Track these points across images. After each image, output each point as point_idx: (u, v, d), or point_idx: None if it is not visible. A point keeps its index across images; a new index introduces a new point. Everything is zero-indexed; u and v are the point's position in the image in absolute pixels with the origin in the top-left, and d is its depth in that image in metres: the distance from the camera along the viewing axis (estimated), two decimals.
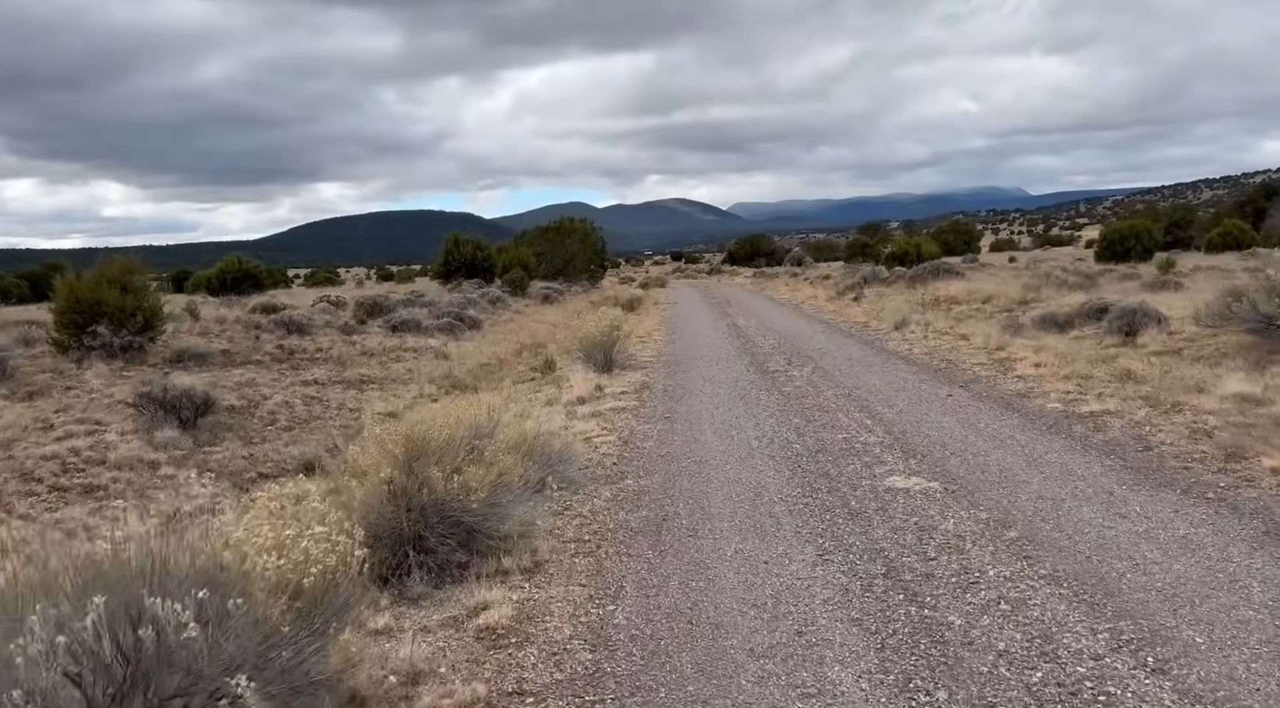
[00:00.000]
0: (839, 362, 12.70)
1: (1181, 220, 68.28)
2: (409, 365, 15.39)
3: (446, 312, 21.55)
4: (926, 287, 27.23)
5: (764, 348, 15.03)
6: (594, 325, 12.95)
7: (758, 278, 52.30)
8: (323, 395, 12.04)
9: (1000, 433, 7.49)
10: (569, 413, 9.49)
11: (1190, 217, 72.84)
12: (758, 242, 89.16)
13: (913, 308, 16.58)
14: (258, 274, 39.94)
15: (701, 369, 12.73)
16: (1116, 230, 50.24)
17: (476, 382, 14.23)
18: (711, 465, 6.88)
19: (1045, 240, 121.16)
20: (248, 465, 8.43)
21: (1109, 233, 50.96)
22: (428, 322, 20.86)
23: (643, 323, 21.93)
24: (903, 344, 14.41)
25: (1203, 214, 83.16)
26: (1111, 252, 47.07)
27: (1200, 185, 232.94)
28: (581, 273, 55.78)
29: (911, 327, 16.05)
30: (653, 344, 16.67)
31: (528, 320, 26.46)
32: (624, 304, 28.40)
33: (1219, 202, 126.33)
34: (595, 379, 11.91)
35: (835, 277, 39.54)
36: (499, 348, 18.89)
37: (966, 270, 31.45)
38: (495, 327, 23.78)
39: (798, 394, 10.03)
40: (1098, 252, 49.16)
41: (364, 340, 17.99)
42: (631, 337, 18.37)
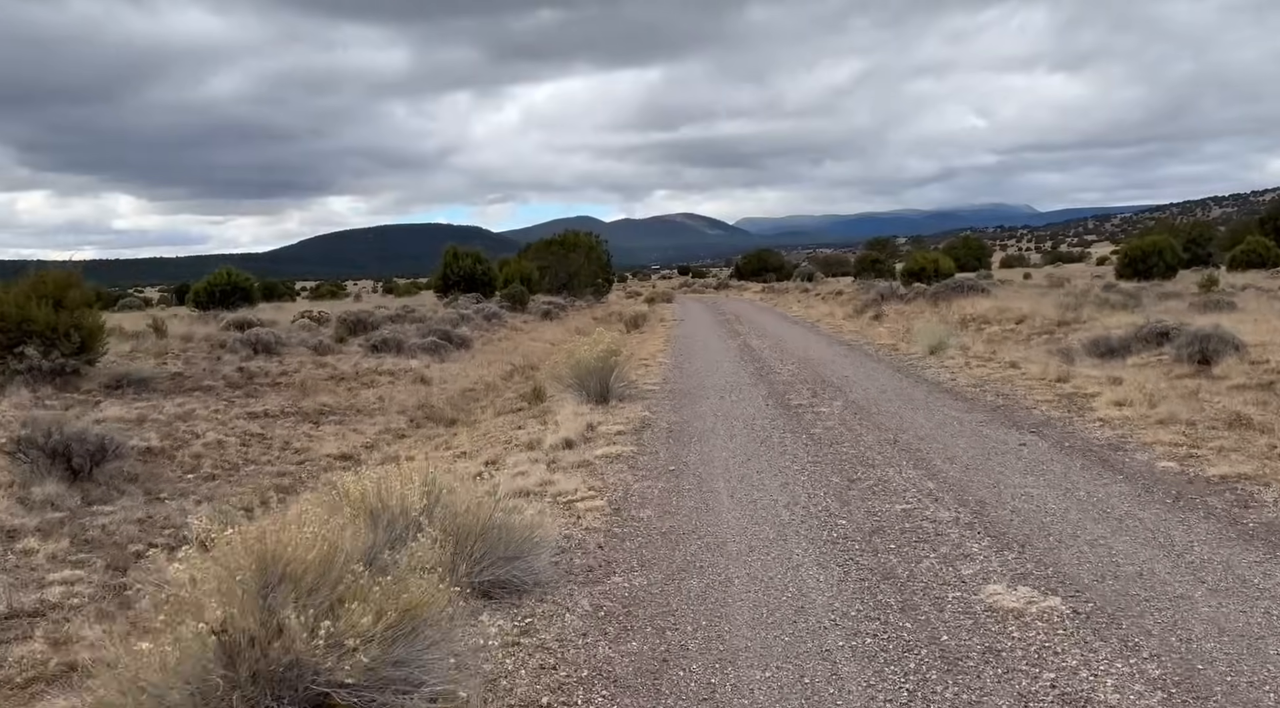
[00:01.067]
0: (873, 394, 10.88)
1: (1200, 237, 66.43)
2: (382, 392, 13.62)
3: (434, 329, 19.81)
4: (950, 305, 25.42)
5: (782, 375, 13.23)
6: (588, 350, 11.18)
7: (767, 293, 50.53)
8: (268, 432, 10.27)
9: (1111, 506, 5.67)
10: (551, 463, 7.70)
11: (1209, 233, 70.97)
12: (765, 256, 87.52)
13: (949, 330, 14.82)
14: (248, 287, 38.29)
15: (712, 402, 10.94)
16: (1137, 247, 48.39)
17: (456, 412, 12.46)
18: (730, 554, 5.07)
19: (1056, 257, 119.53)
20: (140, 533, 6.65)
21: (1130, 249, 49.09)
22: (412, 340, 19.13)
23: (646, 343, 20.16)
24: (942, 372, 12.60)
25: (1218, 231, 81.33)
26: (1133, 269, 45.32)
27: (1209, 203, 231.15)
28: (586, 287, 54.17)
29: (949, 351, 14.24)
30: (657, 369, 14.89)
31: (524, 339, 24.71)
32: (628, 321, 26.65)
33: (1229, 219, 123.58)
34: (588, 415, 10.12)
35: (849, 293, 37.77)
36: (488, 370, 17.14)
37: (990, 287, 29.61)
38: (488, 345, 22.03)
39: (831, 439, 8.22)
40: (1118, 268, 47.35)
41: (338, 362, 16.25)
42: (633, 359, 16.59)
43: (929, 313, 24.88)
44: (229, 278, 37.99)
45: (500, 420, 11.38)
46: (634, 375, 13.99)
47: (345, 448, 9.79)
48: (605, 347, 11.35)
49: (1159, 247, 46.71)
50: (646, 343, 20.17)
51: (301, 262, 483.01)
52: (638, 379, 13.53)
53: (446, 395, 13.67)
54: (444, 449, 9.78)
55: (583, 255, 55.72)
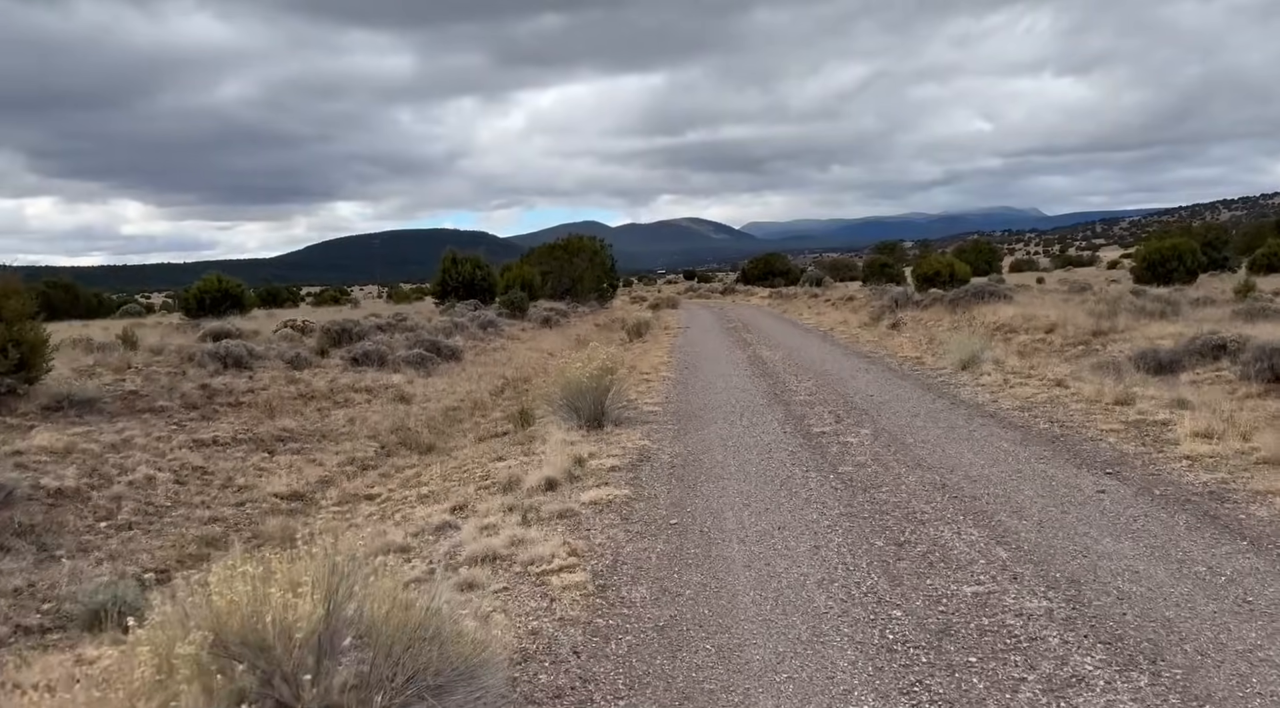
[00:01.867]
0: (905, 420, 9.53)
1: (1215, 240, 64.93)
2: (355, 412, 12.31)
3: (422, 340, 18.50)
4: (970, 312, 24.04)
5: (799, 393, 11.88)
6: (580, 369, 9.85)
7: (775, 299, 49.16)
8: (212, 464, 8.95)
9: (1251, 591, 4.31)
10: (528, 512, 6.36)
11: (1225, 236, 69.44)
12: (772, 261, 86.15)
13: (982, 342, 13.46)
14: (239, 294, 37.08)
15: (721, 427, 9.60)
16: (1156, 250, 46.84)
17: (434, 436, 11.14)
18: (752, 670, 3.72)
19: (1066, 261, 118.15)
20: (10, 609, 5.33)
21: (1148, 253, 47.52)
22: (397, 353, 17.83)
23: (649, 354, 18.84)
24: (979, 392, 11.23)
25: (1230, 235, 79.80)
26: (1152, 272, 43.90)
27: (1218, 206, 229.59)
28: (590, 293, 52.94)
29: (984, 366, 12.87)
30: (659, 385, 13.56)
31: (521, 348, 23.39)
32: (630, 329, 25.33)
33: (1238, 222, 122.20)
34: (579, 443, 8.79)
35: (861, 299, 36.39)
36: (477, 385, 15.82)
37: (1011, 293, 28.19)
38: (481, 356, 20.70)
39: (865, 481, 6.87)
40: (1136, 272, 45.91)
41: (313, 377, 14.94)
42: (634, 373, 15.27)
43: (948, 320, 23.53)
44: (219, 284, 36.82)
45: (481, 448, 10.05)
46: (634, 393, 12.67)
47: (298, 484, 8.48)
48: (599, 364, 10.02)
49: (1179, 250, 45.28)
50: (649, 354, 18.84)
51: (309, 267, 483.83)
52: (637, 398, 12.21)
53: (427, 416, 12.36)
54: (410, 486, 8.46)
55: (586, 260, 54.46)
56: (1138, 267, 46.18)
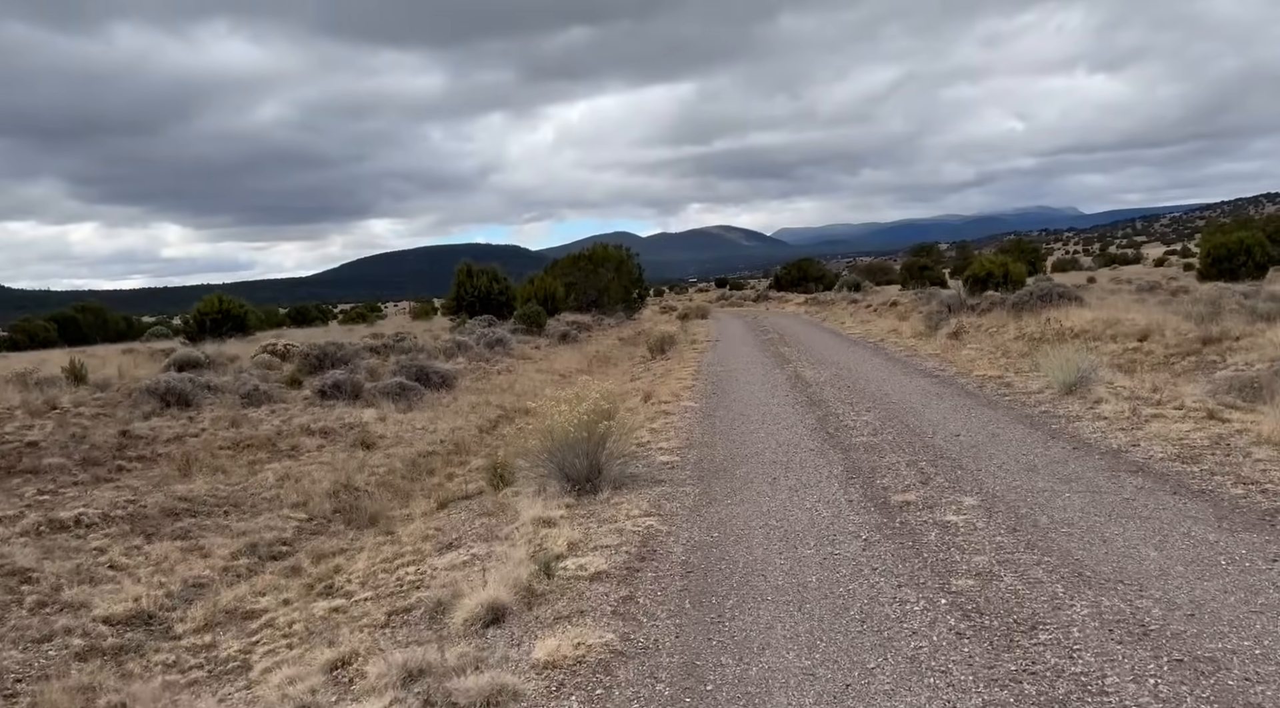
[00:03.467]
0: (1022, 477, 6.77)
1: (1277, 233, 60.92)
2: (295, 466, 9.78)
3: (409, 366, 15.98)
4: (1039, 316, 21.07)
5: (860, 431, 9.15)
6: (568, 414, 7.22)
7: (811, 305, 46.20)
8: (49, 562, 6.44)
9: None
10: (445, 678, 3.74)
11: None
12: (806, 266, 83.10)
13: (1089, 357, 10.58)
14: (241, 314, 35.07)
15: (758, 491, 6.92)
16: (1222, 244, 43.30)
17: (383, 502, 8.55)
18: None
19: (1110, 259, 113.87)
20: None
21: (1213, 247, 43.99)
22: (385, 379, 15.37)
23: (671, 375, 16.15)
24: (1103, 427, 8.42)
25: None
26: (1217, 268, 40.46)
27: (1262, 200, 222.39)
28: (617, 304, 50.44)
29: (1095, 388, 10.02)
30: (679, 420, 10.89)
31: (529, 369, 20.84)
32: (652, 345, 22.69)
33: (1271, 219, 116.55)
34: (558, 526, 6.17)
35: (906, 303, 33.42)
36: (465, 421, 13.27)
37: (1082, 294, 25.09)
38: (481, 380, 18.18)
39: (1003, 614, 4.15)
40: (1201, 268, 42.41)
41: (269, 416, 12.50)
42: (651, 402, 12.61)
43: (1013, 328, 20.59)
44: (220, 305, 34.83)
45: (434, 523, 7.46)
46: (646, 433, 10.02)
47: (158, 593, 5.96)
48: (591, 406, 7.38)
49: (1246, 243, 41.77)
50: (671, 375, 16.16)
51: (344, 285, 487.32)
52: (650, 441, 9.55)
53: (387, 468, 9.80)
54: (316, 595, 5.88)
55: (612, 270, 52.02)
56: (1202, 262, 42.73)
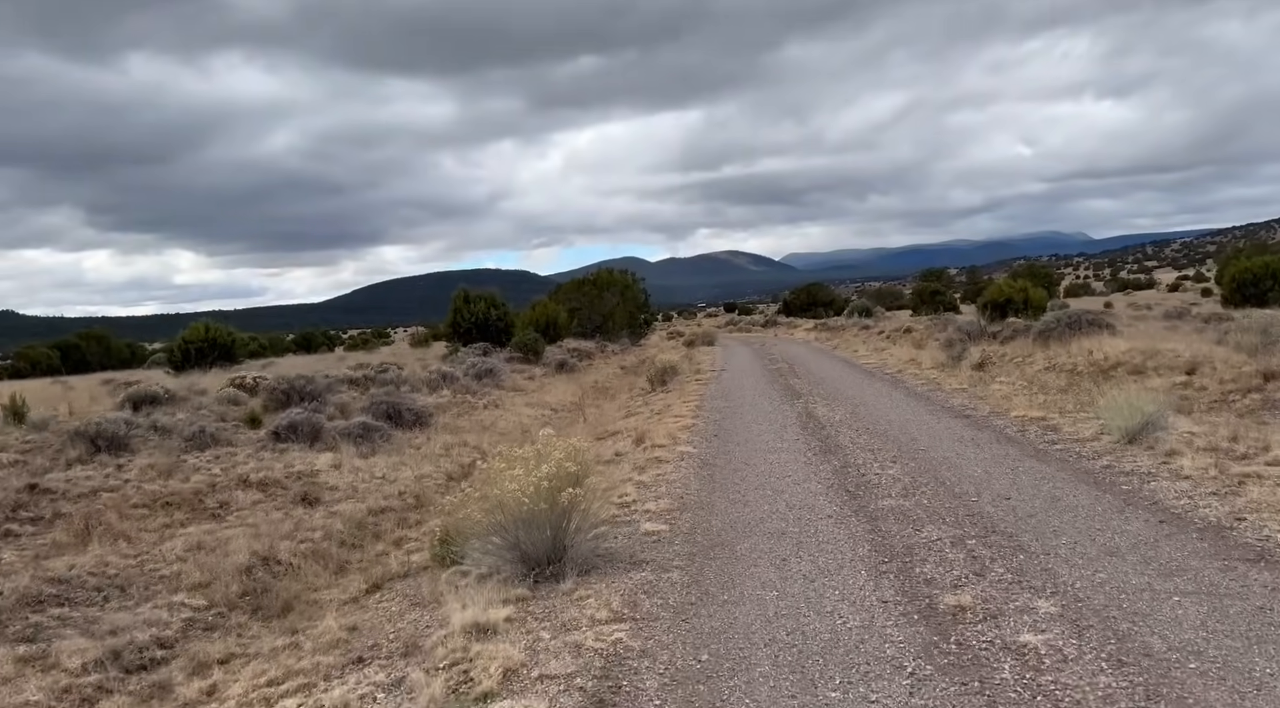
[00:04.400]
0: (1106, 568, 5.20)
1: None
2: (214, 530, 8.27)
3: (379, 403, 14.47)
4: (1068, 346, 19.49)
5: (887, 490, 7.60)
6: (522, 480, 5.71)
7: (821, 331, 44.62)
8: None
9: None
10: None
11: None
12: (815, 291, 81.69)
13: (1157, 400, 8.99)
14: (229, 343, 33.73)
15: (762, 585, 5.37)
16: (1247, 269, 41.68)
17: (310, 576, 7.02)
18: None
19: (1123, 284, 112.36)
20: None
21: (1238, 272, 42.31)
22: (346, 419, 13.89)
23: (670, 411, 14.61)
24: (1186, 488, 6.84)
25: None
26: (1244, 294, 38.83)
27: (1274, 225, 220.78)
28: (622, 330, 49.03)
29: (1165, 437, 8.44)
30: (673, 470, 9.34)
31: (519, 403, 19.33)
32: (653, 376, 21.16)
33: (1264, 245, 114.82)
34: (493, 639, 4.64)
35: (921, 330, 31.88)
36: (434, 467, 11.76)
37: (1114, 321, 23.49)
38: (463, 417, 16.67)
39: None
40: (1225, 294, 40.78)
41: (211, 463, 11.02)
42: (644, 446, 11.09)
43: (1041, 358, 19.03)
44: (206, 333, 33.52)
45: (355, 618, 5.93)
46: (632, 488, 8.48)
47: None
48: (555, 468, 5.85)
49: (1273, 268, 40.15)
50: (670, 410, 14.62)
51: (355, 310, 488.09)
52: (636, 498, 8.02)
53: (326, 531, 8.27)
54: None
55: (617, 295, 50.68)
56: (1226, 288, 41.12)
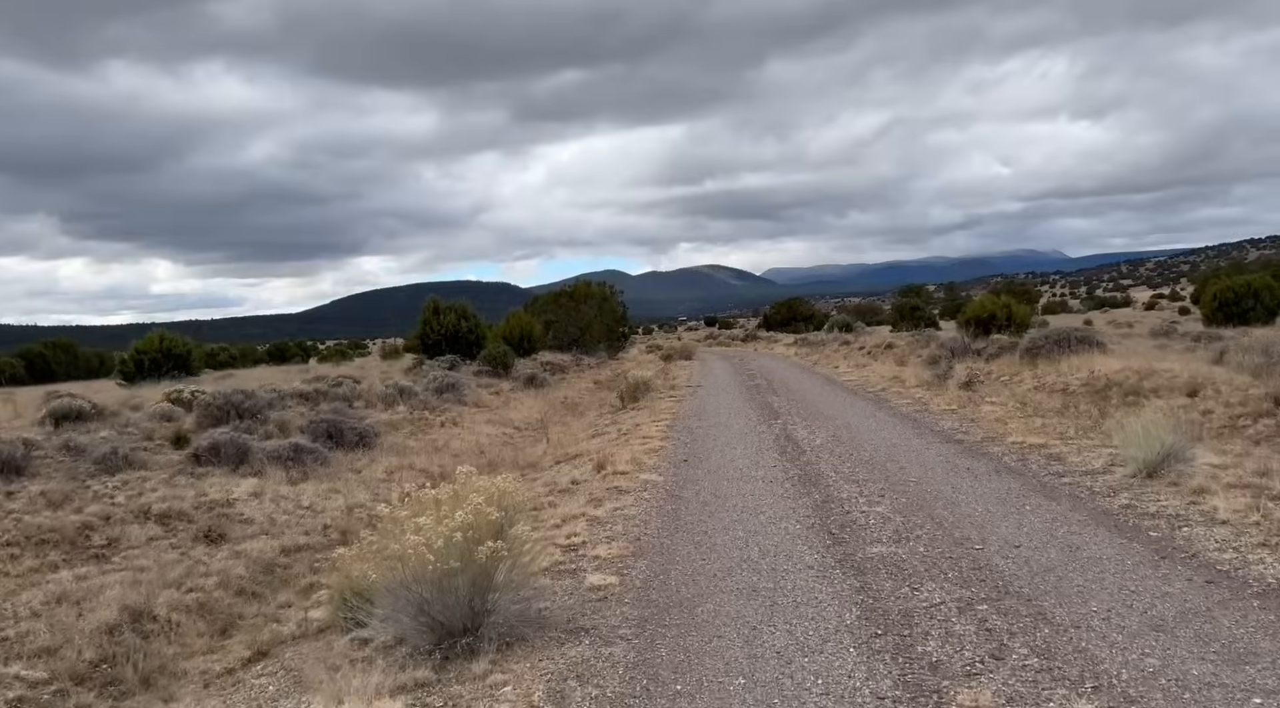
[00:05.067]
0: (1162, 657, 4.14)
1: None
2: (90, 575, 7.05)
3: (320, 422, 13.25)
4: (1058, 365, 18.61)
5: (876, 536, 6.52)
6: (429, 533, 4.58)
7: (801, 346, 43.68)
8: None
9: None
10: None
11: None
12: (795, 305, 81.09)
13: (1176, 427, 8.01)
14: (184, 353, 32.25)
15: (726, 666, 4.26)
16: (1229, 287, 41.33)
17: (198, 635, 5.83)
18: None
19: (1100, 302, 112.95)
20: None
21: (1220, 291, 41.97)
22: (284, 439, 12.67)
23: (638, 432, 13.50)
24: (1227, 536, 5.82)
25: None
26: (1225, 313, 38.41)
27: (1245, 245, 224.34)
28: (599, 343, 47.93)
29: (1190, 472, 7.44)
30: (631, 505, 8.22)
31: (479, 421, 18.15)
32: (624, 393, 20.04)
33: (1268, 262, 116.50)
34: None
35: (902, 346, 31.02)
36: (370, 493, 10.59)
37: (1104, 339, 22.65)
38: (415, 436, 15.48)
39: None
40: (1207, 313, 40.36)
41: (117, 489, 9.78)
42: (606, 473, 9.99)
43: (1029, 377, 18.14)
44: (160, 343, 32.04)
45: (220, 701, 4.77)
46: (584, 525, 7.38)
47: None
48: (472, 514, 4.72)
49: (1255, 287, 39.78)
50: (637, 433, 13.51)
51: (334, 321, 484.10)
52: (587, 540, 6.90)
53: (223, 576, 7.08)
54: None
55: (595, 308, 49.60)
56: (1208, 307, 40.72)
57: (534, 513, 8.16)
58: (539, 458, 12.89)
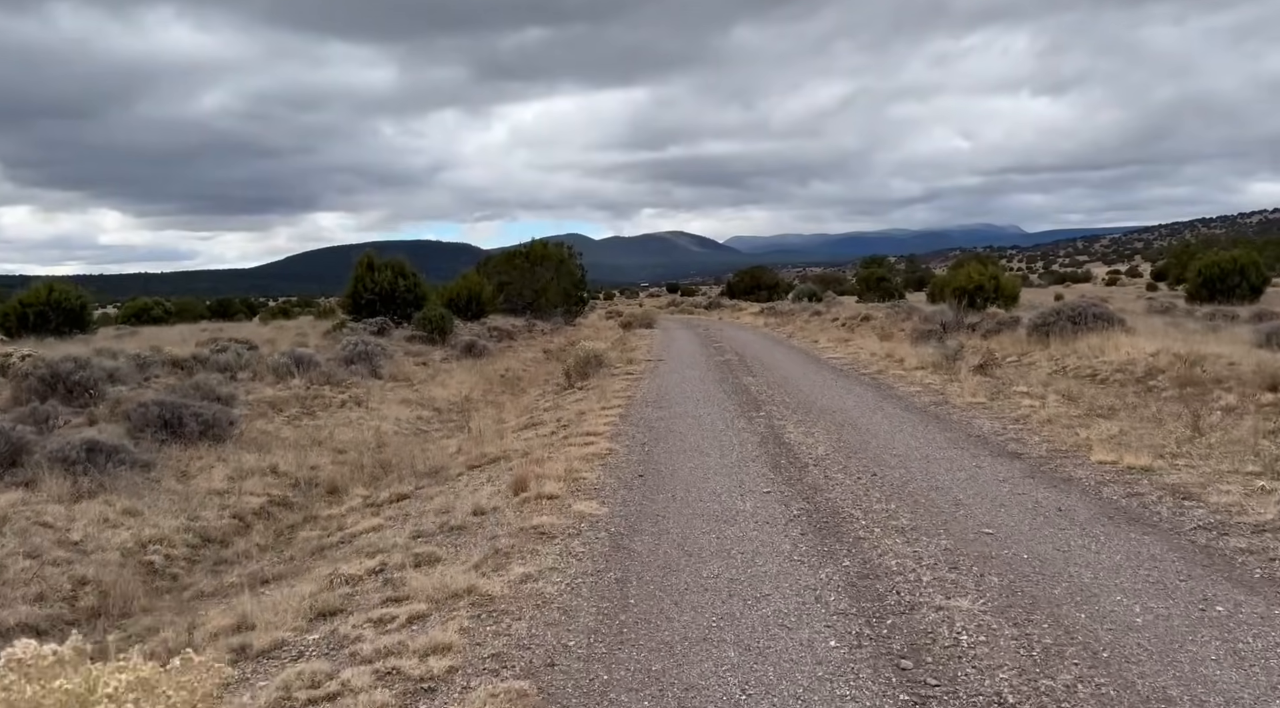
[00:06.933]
0: None
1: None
2: None
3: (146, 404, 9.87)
4: (1072, 344, 15.88)
5: (983, 667, 3.57)
6: None
7: (769, 317, 40.76)
8: None
9: None
10: None
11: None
12: (759, 274, 78.42)
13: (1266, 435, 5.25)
14: (76, 307, 28.34)
15: None
16: (1214, 263, 39.43)
17: None
18: None
19: (1060, 277, 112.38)
20: None
21: (1205, 266, 40.08)
22: (87, 433, 9.33)
23: (580, 426, 10.37)
24: None
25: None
26: (1210, 289, 36.49)
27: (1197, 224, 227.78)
28: (556, 307, 44.61)
29: None
30: (551, 566, 5.17)
31: (391, 400, 14.87)
32: (573, 367, 16.87)
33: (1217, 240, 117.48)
34: None
35: (879, 319, 28.28)
36: (177, 521, 7.35)
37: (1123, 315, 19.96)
38: (298, 420, 12.22)
39: None
40: (1191, 289, 38.39)
41: None
42: (525, 500, 6.90)
43: (1042, 357, 15.44)
44: (49, 295, 28.09)
45: None
46: (460, 622, 4.24)
47: None
48: None
49: (1241, 264, 37.92)
50: (581, 425, 10.38)
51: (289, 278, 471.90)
52: (453, 668, 3.79)
53: None
54: None
55: (552, 270, 46.17)
56: (1192, 283, 38.76)
57: (383, 587, 5.03)
58: (449, 459, 9.73)
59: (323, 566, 6.03)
